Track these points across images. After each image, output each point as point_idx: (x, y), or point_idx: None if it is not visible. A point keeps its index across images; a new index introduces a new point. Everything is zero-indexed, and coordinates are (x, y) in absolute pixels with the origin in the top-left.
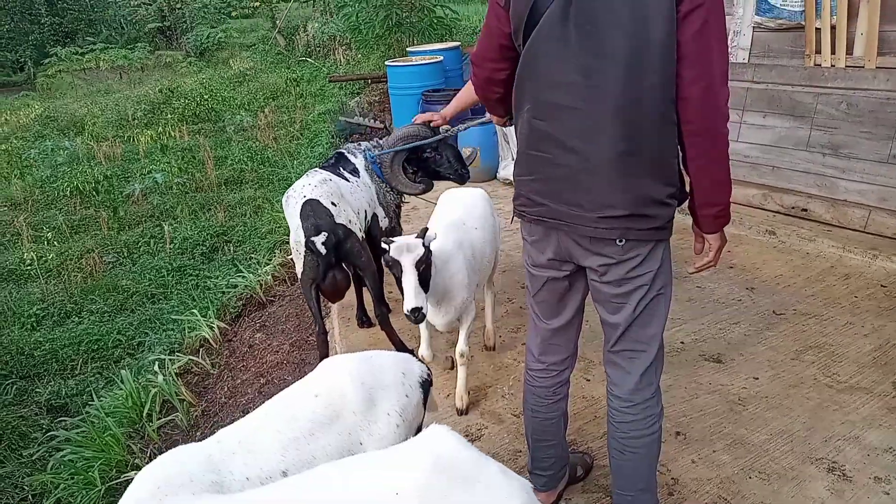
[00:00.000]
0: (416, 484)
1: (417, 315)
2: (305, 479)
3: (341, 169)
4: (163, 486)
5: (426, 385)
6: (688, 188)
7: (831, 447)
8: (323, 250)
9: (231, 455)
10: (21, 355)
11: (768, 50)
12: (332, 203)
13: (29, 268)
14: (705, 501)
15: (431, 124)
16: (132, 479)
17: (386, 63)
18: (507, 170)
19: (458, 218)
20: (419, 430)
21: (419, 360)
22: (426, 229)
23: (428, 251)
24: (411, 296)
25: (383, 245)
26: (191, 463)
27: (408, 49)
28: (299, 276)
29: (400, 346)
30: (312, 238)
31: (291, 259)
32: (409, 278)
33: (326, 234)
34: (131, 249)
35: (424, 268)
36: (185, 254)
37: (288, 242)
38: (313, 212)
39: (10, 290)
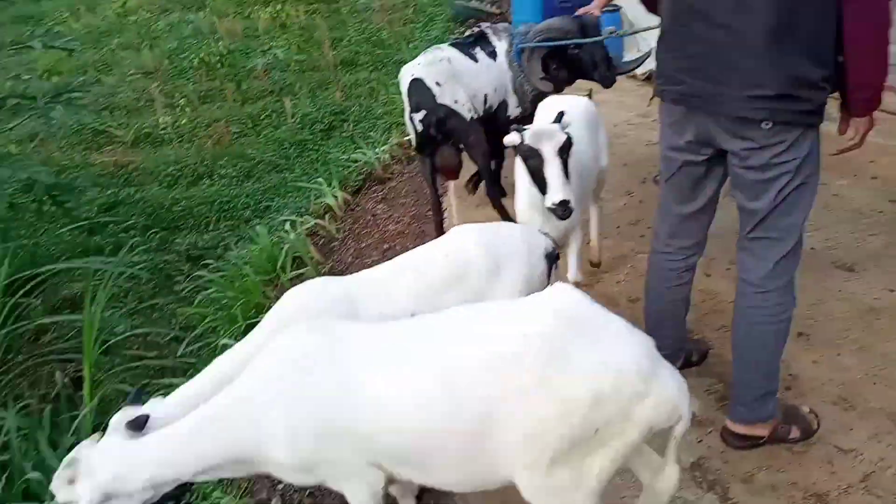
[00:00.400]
0: (541, 329)
1: (565, 209)
2: (439, 316)
3: (475, 49)
4: (305, 306)
5: (551, 258)
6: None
7: None
8: (420, 127)
9: (367, 292)
10: (161, 209)
11: None
12: (437, 83)
13: (164, 132)
14: (823, 400)
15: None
16: None
17: None
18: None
19: None
20: None
21: None
22: (562, 114)
23: (569, 137)
24: (557, 187)
25: (515, 135)
26: (332, 292)
27: None
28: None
29: None
30: (412, 115)
31: (409, 139)
32: (553, 168)
33: (425, 112)
34: (255, 121)
35: (566, 157)
36: (304, 129)
37: (403, 124)
38: (416, 90)
39: (149, 152)
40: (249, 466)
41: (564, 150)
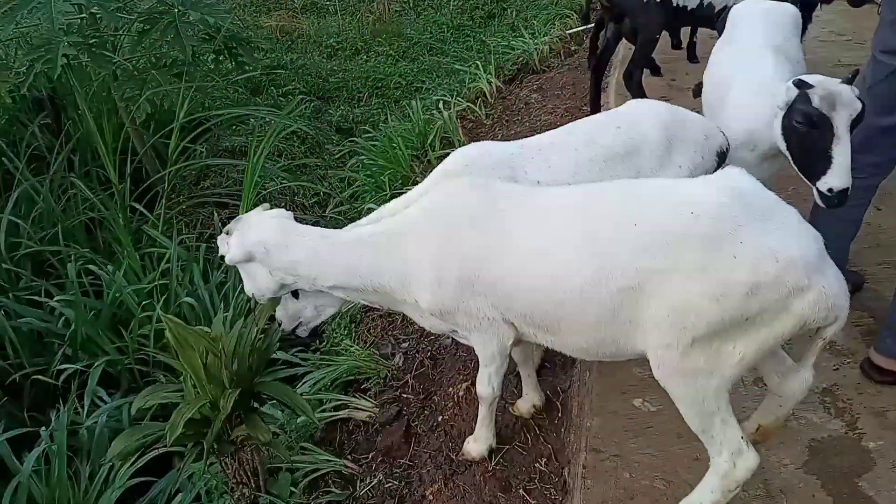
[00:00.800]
0: (713, 210)
1: (843, 199)
2: (605, 186)
3: None
4: (469, 165)
5: (722, 156)
6: None
7: None
8: None
9: (530, 159)
10: (319, 79)
11: None
12: None
13: (329, 2)
14: None
15: None
16: None
17: None
18: None
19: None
20: None
21: None
22: (856, 72)
23: (864, 106)
24: (844, 169)
25: (792, 88)
26: (496, 154)
27: None
28: None
29: None
30: None
31: (569, 34)
32: (843, 146)
33: None
34: (417, 2)
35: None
36: (464, 13)
37: (568, 17)
38: None
39: (313, 21)
40: (389, 301)
41: (857, 123)
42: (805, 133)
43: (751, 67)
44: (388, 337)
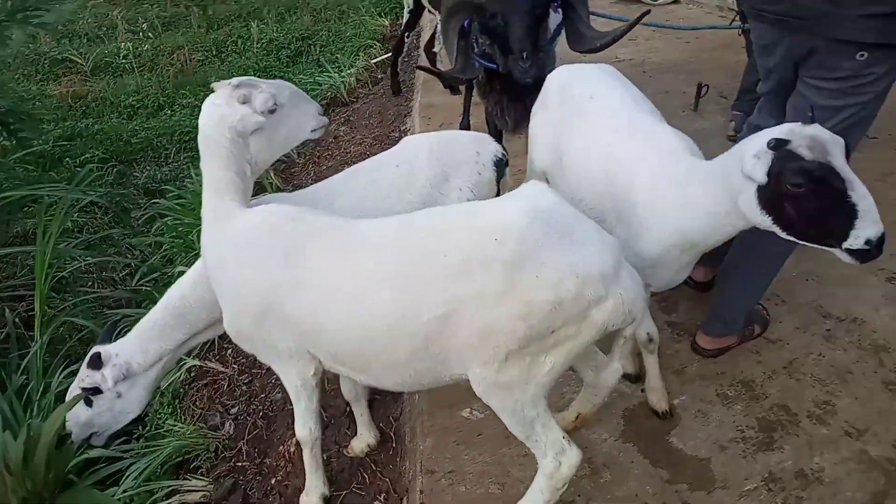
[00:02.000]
0: (513, 231)
1: (882, 244)
2: (405, 219)
3: None
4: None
5: (500, 164)
6: None
7: (894, 262)
8: None
9: (317, 205)
10: (120, 142)
11: None
12: None
13: (124, 61)
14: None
15: None
16: None
17: None
18: None
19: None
20: None
21: None
22: (814, 114)
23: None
24: (874, 213)
25: (761, 152)
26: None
27: None
28: None
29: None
30: None
31: (374, 63)
32: (861, 188)
33: None
34: (220, 48)
35: None
36: (270, 55)
37: (371, 46)
38: None
39: (108, 81)
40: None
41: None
42: (809, 194)
43: (643, 142)
44: (215, 406)
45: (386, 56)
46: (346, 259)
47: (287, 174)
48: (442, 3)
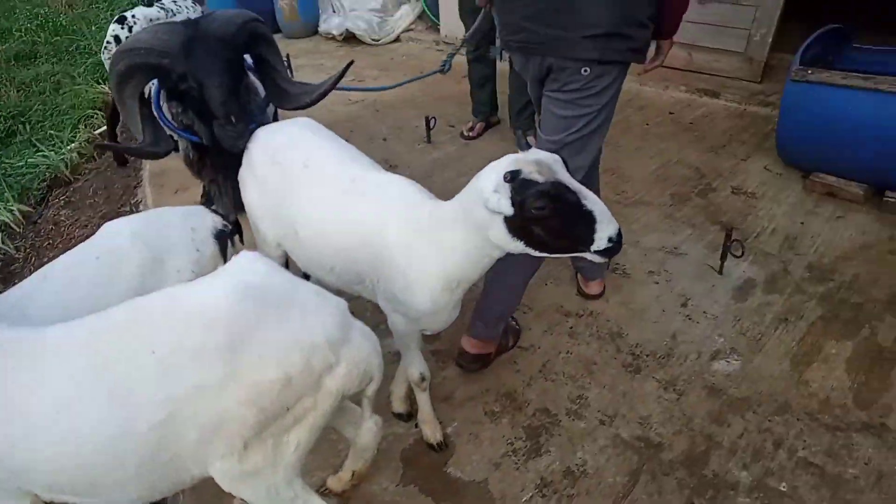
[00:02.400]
0: (223, 314)
1: (621, 238)
2: (112, 312)
3: None
4: None
5: (221, 235)
6: None
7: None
8: None
9: (8, 315)
10: None
11: None
12: None
13: None
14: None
15: None
16: None
17: None
18: (329, 22)
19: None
20: None
21: None
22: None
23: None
24: (608, 213)
25: (499, 187)
26: None
27: None
28: None
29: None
30: None
31: (98, 133)
32: (589, 194)
33: None
34: None
35: None
36: None
37: (93, 117)
38: None
39: None
40: None
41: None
42: (552, 213)
43: (378, 196)
44: None
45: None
46: (34, 376)
47: (6, 272)
48: (110, 67)
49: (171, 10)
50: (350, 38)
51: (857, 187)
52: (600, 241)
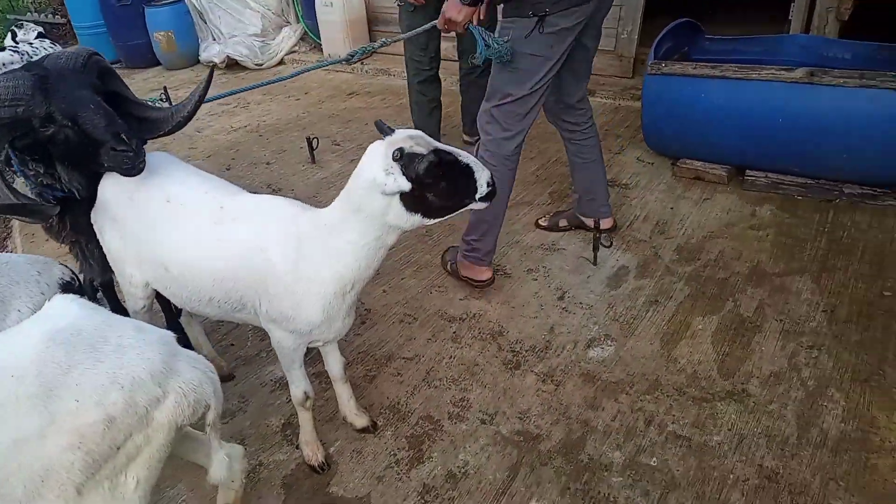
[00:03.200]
0: (30, 362)
1: (493, 180)
2: None
3: None
4: None
5: (68, 286)
6: None
7: (497, 254)
8: None
9: None
10: None
11: None
12: None
13: None
14: (393, 322)
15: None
16: None
17: None
18: (209, 51)
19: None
20: None
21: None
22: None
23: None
24: (477, 161)
25: (392, 174)
26: None
27: None
28: None
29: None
30: None
31: None
32: (454, 149)
33: None
34: None
35: None
36: None
37: None
38: None
39: None
40: None
41: None
42: (442, 175)
43: (251, 218)
44: None
45: None
46: None
47: None
48: None
49: (27, 53)
50: (233, 64)
51: (721, 169)
52: (482, 187)
